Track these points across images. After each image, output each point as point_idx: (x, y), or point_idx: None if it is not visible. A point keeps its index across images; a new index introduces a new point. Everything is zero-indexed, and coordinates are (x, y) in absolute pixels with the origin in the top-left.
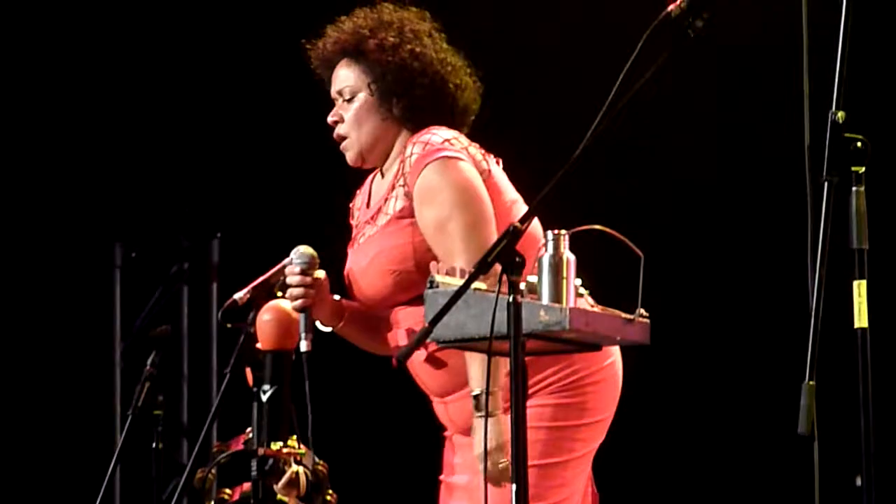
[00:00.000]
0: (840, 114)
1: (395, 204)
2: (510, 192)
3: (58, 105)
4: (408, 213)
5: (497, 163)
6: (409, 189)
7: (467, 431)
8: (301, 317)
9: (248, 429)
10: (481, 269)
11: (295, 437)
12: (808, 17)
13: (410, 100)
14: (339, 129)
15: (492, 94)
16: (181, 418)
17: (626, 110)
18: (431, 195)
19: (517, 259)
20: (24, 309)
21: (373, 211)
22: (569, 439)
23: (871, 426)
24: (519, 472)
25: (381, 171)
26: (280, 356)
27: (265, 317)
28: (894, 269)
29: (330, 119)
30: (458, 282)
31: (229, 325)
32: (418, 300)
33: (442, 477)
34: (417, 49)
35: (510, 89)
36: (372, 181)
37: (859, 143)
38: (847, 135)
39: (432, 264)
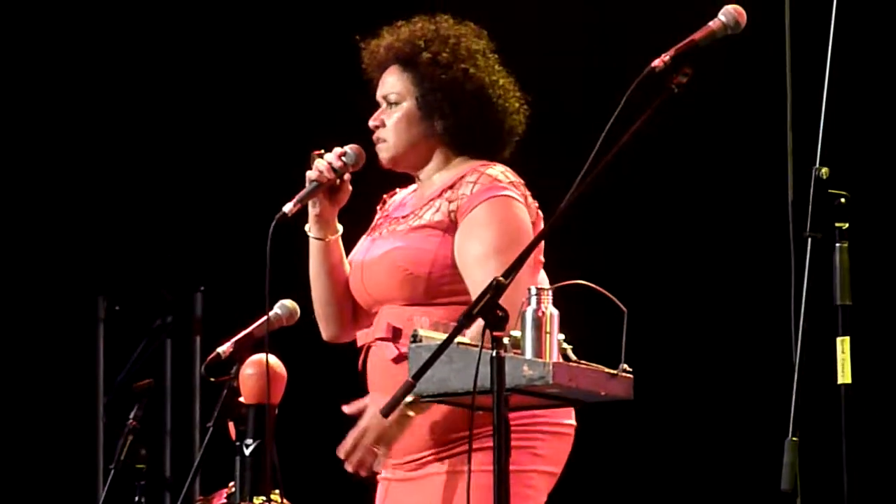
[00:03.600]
0: (824, 169)
1: (434, 215)
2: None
3: (40, 158)
4: (443, 227)
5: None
6: (458, 213)
7: (407, 464)
8: (308, 186)
9: (231, 483)
10: (464, 323)
11: (278, 491)
12: (791, 72)
13: (456, 119)
14: (379, 133)
15: None
16: (164, 472)
17: (610, 166)
18: (481, 230)
19: (500, 314)
20: (6, 362)
21: (405, 212)
22: (522, 485)
23: (854, 483)
24: None
25: (418, 178)
26: (263, 410)
27: (248, 371)
28: (877, 325)
29: (371, 123)
30: (441, 336)
31: (212, 379)
32: (408, 304)
33: None
34: (470, 70)
35: None
36: (415, 190)
37: (843, 199)
38: (831, 191)
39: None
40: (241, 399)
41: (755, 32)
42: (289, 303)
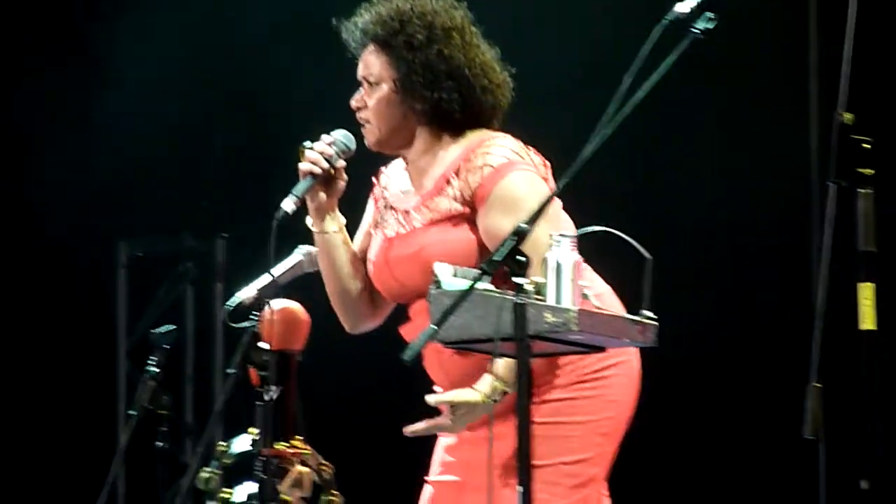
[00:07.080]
0: (847, 115)
1: (451, 204)
2: None
3: (64, 103)
4: (464, 216)
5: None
6: (476, 198)
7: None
8: (303, 180)
9: (253, 428)
10: (487, 269)
11: (300, 437)
12: (817, 16)
13: (433, 100)
14: (361, 115)
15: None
16: (185, 418)
17: (633, 112)
18: (514, 205)
19: (522, 259)
20: (28, 307)
21: (412, 202)
22: (594, 433)
23: (876, 429)
24: (524, 474)
25: (406, 158)
26: (286, 356)
27: (271, 317)
28: None
29: (353, 103)
30: (463, 283)
31: (234, 325)
32: None
33: (427, 478)
34: (446, 51)
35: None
36: (406, 169)
37: (867, 145)
38: (854, 136)
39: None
40: (264, 345)
41: None
42: (311, 248)
